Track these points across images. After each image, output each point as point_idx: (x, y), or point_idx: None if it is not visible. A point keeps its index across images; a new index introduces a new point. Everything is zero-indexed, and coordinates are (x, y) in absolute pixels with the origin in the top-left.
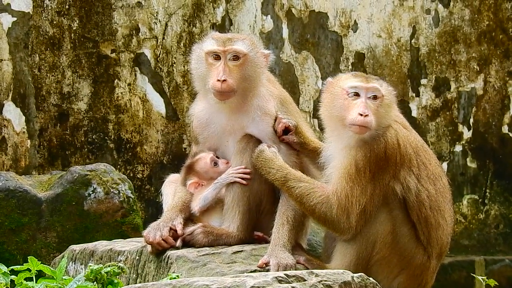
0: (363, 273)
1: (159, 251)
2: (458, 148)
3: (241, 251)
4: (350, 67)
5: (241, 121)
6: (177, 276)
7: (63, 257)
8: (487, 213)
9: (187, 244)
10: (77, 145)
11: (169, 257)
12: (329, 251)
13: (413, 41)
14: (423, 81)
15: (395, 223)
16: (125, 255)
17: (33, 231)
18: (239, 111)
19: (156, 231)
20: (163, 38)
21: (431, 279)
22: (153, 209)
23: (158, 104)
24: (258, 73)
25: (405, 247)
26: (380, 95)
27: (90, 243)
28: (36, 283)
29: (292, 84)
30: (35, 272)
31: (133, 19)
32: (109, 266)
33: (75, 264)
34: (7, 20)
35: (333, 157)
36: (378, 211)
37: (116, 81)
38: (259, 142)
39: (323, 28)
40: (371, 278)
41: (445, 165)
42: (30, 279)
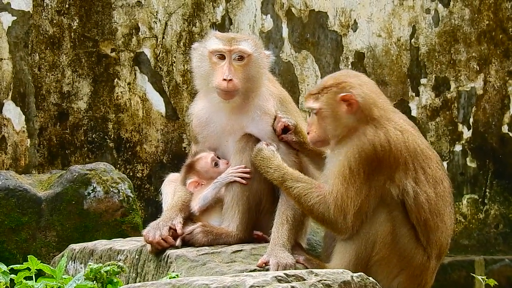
0: (362, 273)
1: (159, 250)
2: (458, 147)
3: (241, 250)
4: (350, 67)
5: (241, 121)
6: (177, 275)
7: (63, 256)
8: (487, 213)
9: (186, 243)
10: (76, 144)
11: (168, 256)
12: (328, 251)
13: (413, 40)
14: (423, 81)
15: (395, 223)
16: (124, 254)
17: (33, 230)
18: (239, 111)
19: (155, 231)
20: (163, 37)
21: (430, 279)
22: (153, 209)
23: (158, 103)
24: (260, 74)
25: (404, 247)
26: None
27: (89, 242)
28: (35, 282)
29: (292, 83)
30: (35, 271)
31: (133, 18)
32: (109, 265)
33: (74, 263)
34: (7, 19)
35: (329, 157)
36: (377, 211)
37: (116, 80)
38: (259, 141)
39: (323, 27)
40: (370, 277)
41: (445, 165)
42: (29, 278)
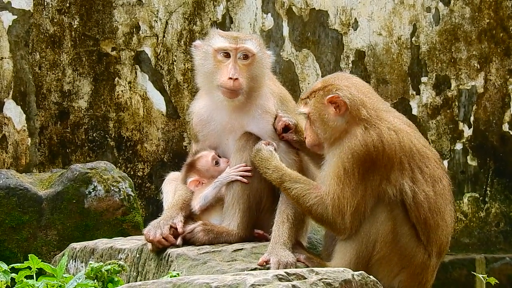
0: (363, 271)
1: (160, 249)
2: (458, 146)
3: (242, 249)
4: (350, 65)
5: (241, 120)
6: (178, 274)
7: (64, 255)
8: (487, 211)
9: (187, 242)
10: (77, 143)
11: (169, 255)
12: (329, 250)
13: (414, 39)
14: (424, 79)
15: (395, 222)
16: (125, 253)
17: (34, 229)
18: (241, 110)
19: (156, 229)
20: (164, 36)
21: (431, 277)
22: (154, 207)
23: (158, 102)
24: (263, 74)
25: (405, 246)
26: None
27: (90, 241)
28: (36, 281)
29: (292, 82)
30: (36, 270)
31: (133, 17)
32: (110, 264)
33: (75, 262)
34: (7, 18)
35: (326, 159)
36: (378, 210)
37: (116, 79)
38: (259, 140)
39: (324, 26)
40: (371, 276)
41: (445, 163)
42: (30, 277)
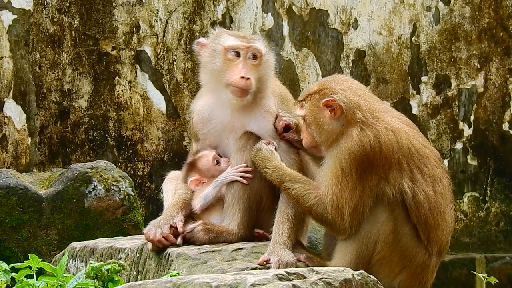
0: (364, 271)
1: (160, 248)
2: (458, 145)
3: (242, 248)
4: (350, 65)
5: (243, 119)
6: (178, 273)
7: (64, 254)
8: (487, 211)
9: (187, 241)
10: (77, 142)
11: (169, 255)
12: (329, 249)
13: (414, 38)
14: (424, 79)
15: (396, 222)
16: (125, 252)
17: (34, 229)
18: (243, 110)
19: (156, 229)
20: (164, 35)
21: (431, 277)
22: (154, 207)
23: (158, 101)
24: (270, 75)
25: (406, 246)
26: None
27: (90, 240)
28: (36, 280)
29: (292, 81)
30: (36, 269)
31: (133, 16)
32: (110, 263)
33: (75, 261)
34: (7, 17)
35: (324, 159)
36: (379, 211)
37: (116, 78)
38: (259, 139)
39: (324, 25)
40: (371, 275)
41: (445, 163)
42: (30, 276)
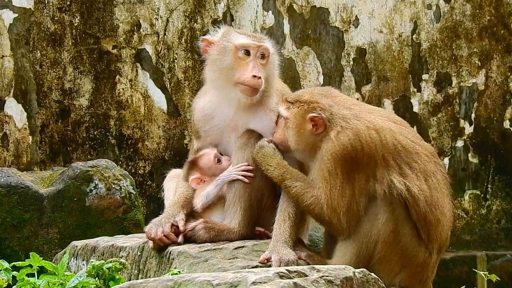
0: (364, 269)
1: (161, 247)
2: (459, 143)
3: (243, 246)
4: (351, 63)
5: (246, 118)
6: (179, 271)
7: (65, 253)
8: (488, 208)
9: (188, 240)
10: (78, 141)
11: (170, 253)
12: (330, 247)
13: (415, 36)
14: (425, 77)
15: (397, 222)
16: (126, 251)
17: (35, 227)
18: (248, 108)
19: (157, 227)
20: (164, 34)
21: (432, 274)
22: (155, 205)
23: (159, 100)
24: (275, 74)
25: (407, 245)
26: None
27: (91, 239)
28: (38, 279)
29: (293, 79)
30: (37, 268)
31: (134, 15)
32: (111, 262)
33: (77, 260)
34: (8, 16)
35: (314, 161)
36: (379, 211)
37: (117, 77)
38: (261, 137)
39: (324, 23)
40: (372, 273)
41: (446, 161)
42: (32, 275)
